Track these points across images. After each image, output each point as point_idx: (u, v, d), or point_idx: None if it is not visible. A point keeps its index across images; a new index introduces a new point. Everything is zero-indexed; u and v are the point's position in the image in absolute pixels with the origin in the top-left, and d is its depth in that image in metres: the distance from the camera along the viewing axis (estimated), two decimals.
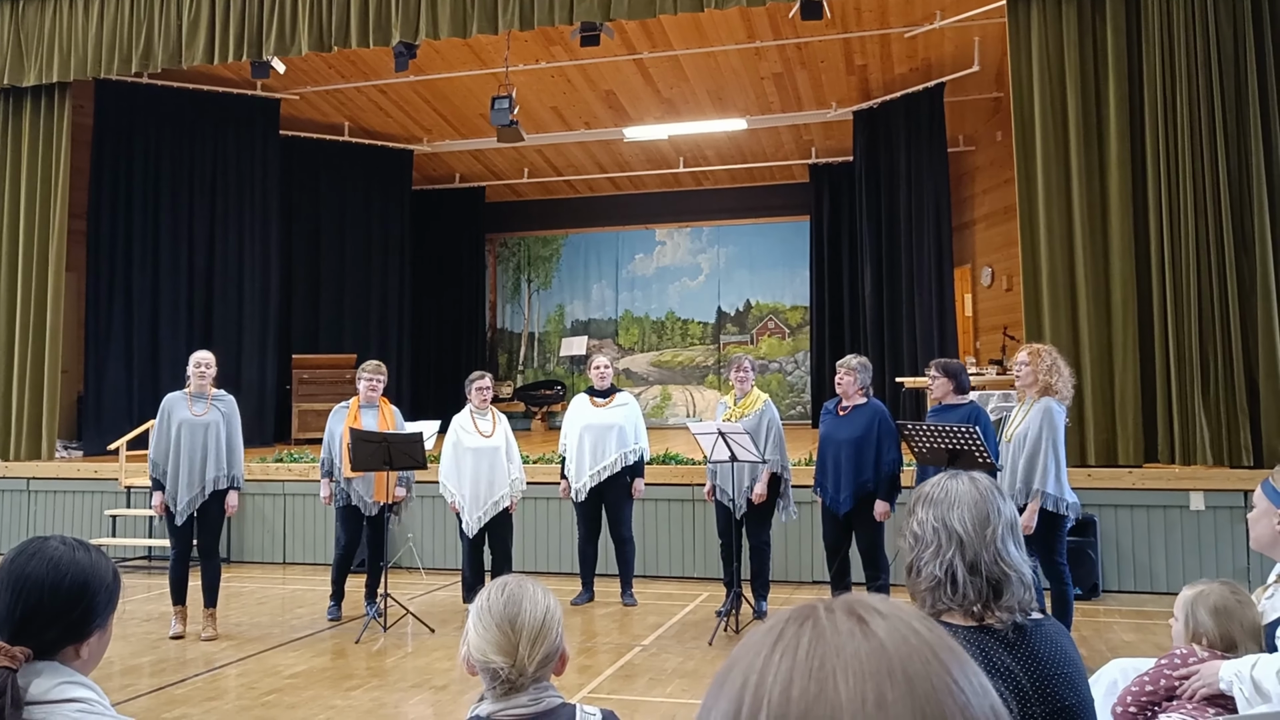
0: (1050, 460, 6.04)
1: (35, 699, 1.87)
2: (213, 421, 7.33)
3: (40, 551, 2.00)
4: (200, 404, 7.35)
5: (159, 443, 7.31)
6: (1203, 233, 8.45)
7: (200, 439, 7.27)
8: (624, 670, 6.39)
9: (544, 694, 2.15)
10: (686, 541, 9.23)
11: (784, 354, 17.68)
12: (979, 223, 14.66)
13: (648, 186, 17.97)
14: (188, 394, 7.39)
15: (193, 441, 7.25)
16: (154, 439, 7.37)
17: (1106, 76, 8.82)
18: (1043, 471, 6.01)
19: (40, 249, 11.45)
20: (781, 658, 0.73)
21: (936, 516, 2.05)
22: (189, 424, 7.27)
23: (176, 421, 7.28)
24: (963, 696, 0.71)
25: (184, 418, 7.29)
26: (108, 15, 10.83)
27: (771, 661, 0.73)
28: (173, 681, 6.25)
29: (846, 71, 13.19)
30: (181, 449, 7.24)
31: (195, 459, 7.26)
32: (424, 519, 9.84)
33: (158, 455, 7.28)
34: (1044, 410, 6.08)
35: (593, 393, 8.37)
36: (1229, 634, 3.07)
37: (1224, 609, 3.09)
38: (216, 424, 7.34)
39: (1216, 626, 3.08)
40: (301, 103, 14.26)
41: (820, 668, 0.71)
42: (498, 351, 19.09)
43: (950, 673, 0.72)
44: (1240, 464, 8.21)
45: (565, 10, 9.48)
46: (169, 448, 7.26)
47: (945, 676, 0.72)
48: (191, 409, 7.32)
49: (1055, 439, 6.06)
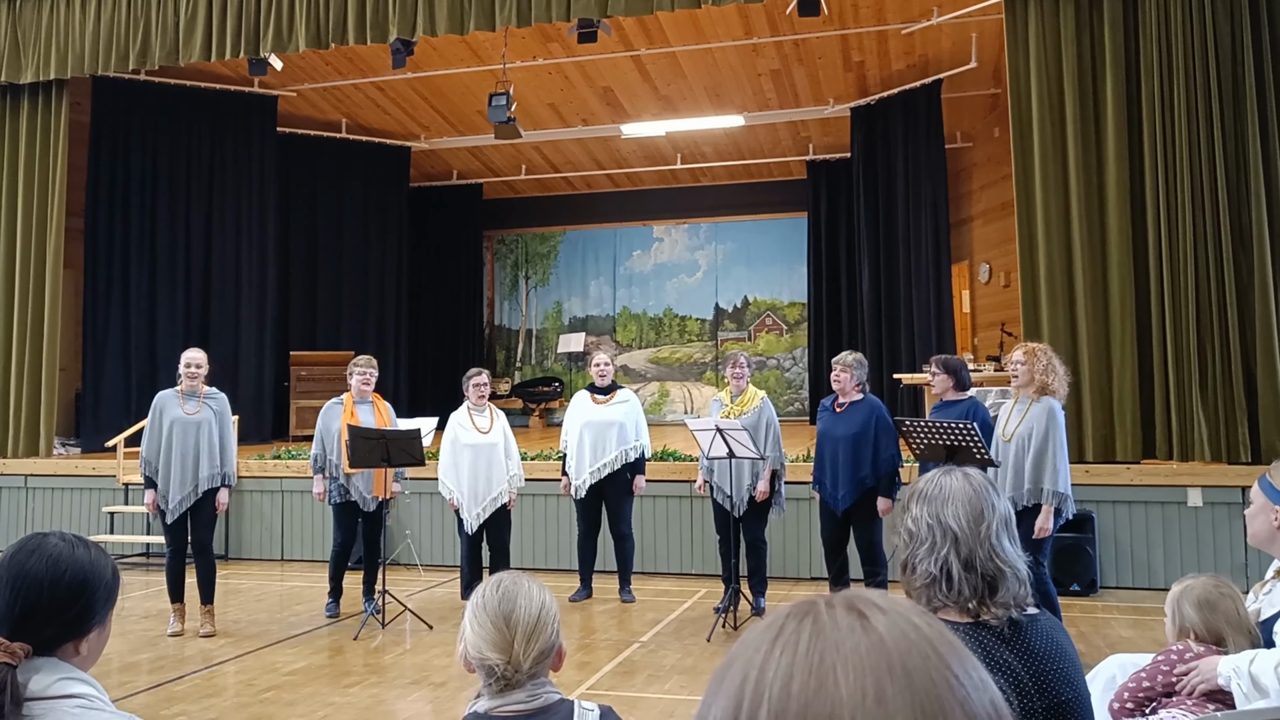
0: (1062, 462, 6.04)
1: (34, 695, 1.87)
2: (205, 420, 7.33)
3: (40, 548, 2.00)
4: (192, 402, 7.35)
5: (150, 441, 7.30)
6: (1200, 228, 8.45)
7: (193, 437, 7.27)
8: (623, 666, 6.40)
9: (541, 690, 2.15)
10: (685, 538, 9.24)
11: (781, 350, 17.69)
12: (976, 219, 14.67)
13: (645, 183, 17.97)
14: (179, 392, 7.38)
15: (185, 440, 7.26)
16: (146, 437, 7.35)
17: (1104, 73, 8.82)
18: (1053, 473, 6.01)
19: (38, 246, 11.44)
20: (782, 653, 0.73)
21: (931, 513, 2.05)
22: (181, 422, 7.27)
23: (169, 420, 7.27)
24: (962, 691, 0.72)
25: (176, 416, 7.28)
26: (105, 12, 10.81)
27: (772, 657, 0.73)
28: (171, 678, 6.26)
29: (844, 68, 13.18)
30: (174, 448, 7.24)
31: (188, 457, 7.26)
32: (422, 516, 9.85)
33: (149, 454, 7.28)
34: (1048, 410, 6.07)
35: (594, 390, 8.37)
36: (1214, 626, 3.10)
37: (1207, 602, 3.13)
38: (209, 422, 7.35)
39: (1201, 620, 3.12)
40: (299, 100, 14.25)
41: (820, 663, 0.71)
42: (495, 348, 19.09)
43: (950, 667, 0.73)
44: (1238, 460, 8.22)
45: (562, 7, 9.47)
46: (160, 446, 7.26)
47: (945, 671, 0.72)
48: (184, 407, 7.31)
49: (1060, 439, 6.06)
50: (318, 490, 7.84)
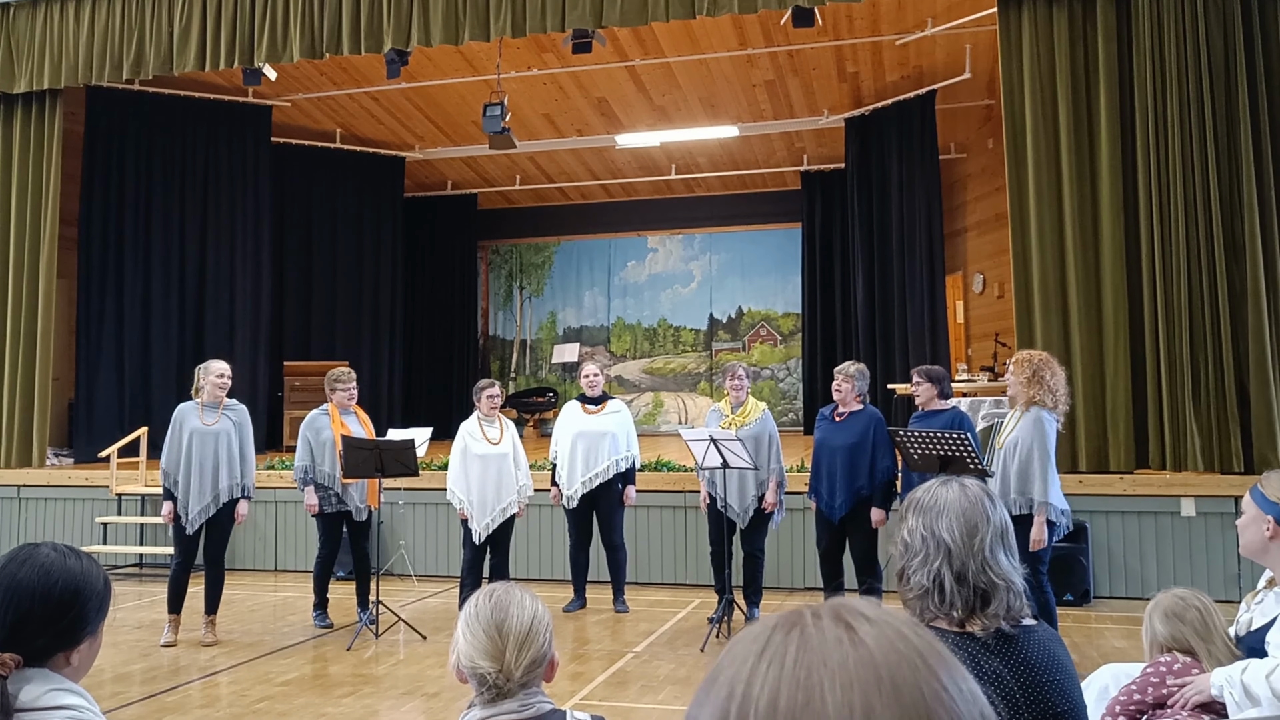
0: (1049, 470, 6.05)
1: (25, 706, 1.86)
2: (224, 430, 7.35)
3: (31, 558, 1.99)
4: (211, 413, 7.35)
5: (170, 453, 7.30)
6: (1193, 239, 8.47)
7: (212, 449, 7.29)
8: (616, 677, 6.39)
9: (533, 699, 2.15)
10: (679, 548, 9.23)
11: (776, 361, 17.70)
12: (970, 230, 14.70)
13: (640, 193, 17.99)
14: (199, 404, 7.38)
15: (204, 451, 7.27)
16: (166, 449, 7.34)
17: (1098, 84, 8.85)
18: (1041, 482, 6.02)
19: (31, 256, 11.43)
20: (769, 667, 0.72)
21: (925, 525, 2.05)
22: (200, 434, 7.28)
23: (188, 431, 7.28)
24: (951, 703, 0.71)
25: (195, 427, 7.29)
26: (99, 22, 10.82)
27: (758, 670, 0.72)
28: (164, 689, 6.23)
29: (838, 79, 13.22)
30: (193, 459, 7.24)
31: (207, 468, 7.27)
32: (415, 526, 9.83)
33: (169, 465, 7.29)
34: (1034, 420, 6.09)
35: (584, 400, 8.37)
36: (1180, 636, 3.18)
37: (1173, 613, 3.21)
38: (228, 433, 7.37)
39: (1169, 632, 3.20)
40: (293, 110, 14.26)
41: (807, 677, 0.70)
42: (490, 358, 19.08)
43: (939, 679, 0.72)
44: (1231, 470, 8.23)
45: (557, 17, 9.49)
46: (180, 458, 7.26)
47: (934, 683, 0.71)
48: (203, 418, 7.32)
49: (1046, 449, 6.06)
50: (309, 502, 7.79)
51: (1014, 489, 6.08)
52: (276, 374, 14.21)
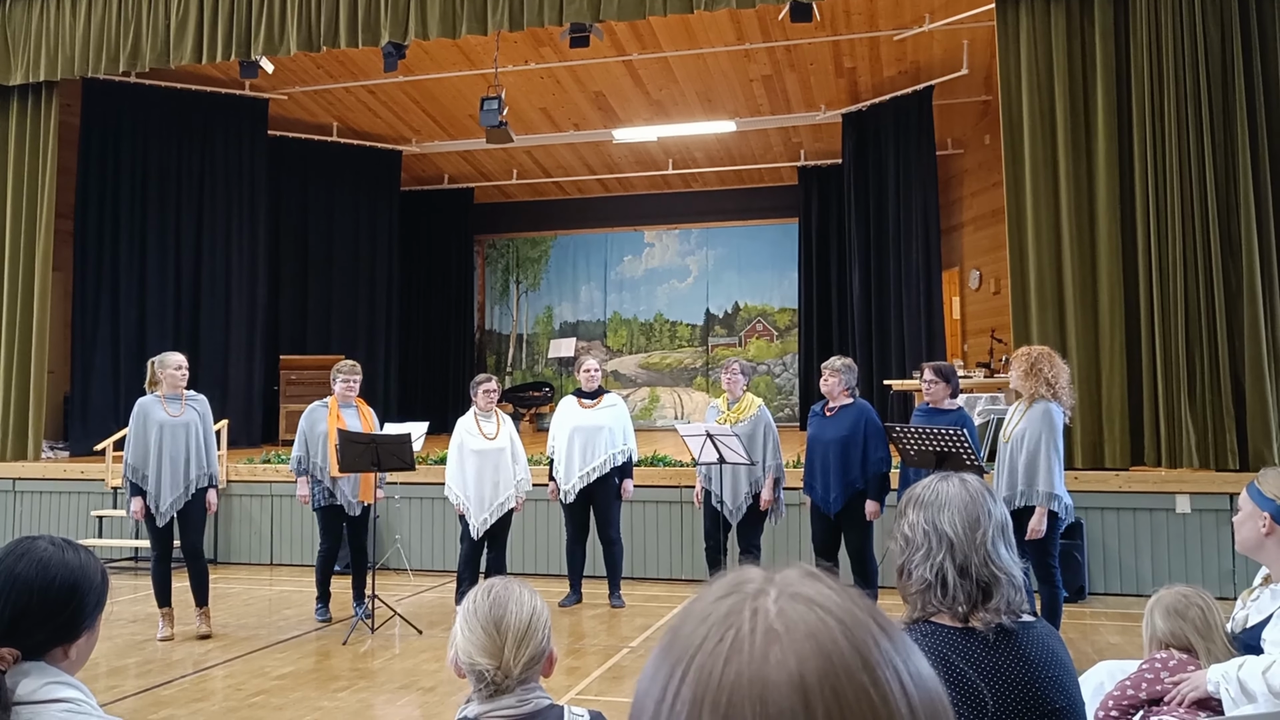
0: (1055, 462, 6.06)
1: (23, 699, 1.86)
2: (191, 421, 7.37)
3: (29, 552, 1.99)
4: (175, 405, 7.35)
5: (136, 448, 7.26)
6: (1190, 236, 8.48)
7: (181, 439, 7.29)
8: (612, 672, 6.39)
9: (531, 695, 2.15)
10: (674, 543, 9.23)
11: (772, 356, 17.70)
12: (967, 226, 14.70)
13: (637, 188, 17.98)
14: (160, 396, 7.36)
15: (174, 443, 7.26)
16: (130, 445, 7.31)
17: (1095, 80, 8.85)
18: (1046, 473, 6.02)
19: (27, 249, 11.40)
20: (700, 670, 0.72)
21: (927, 519, 2.06)
22: (169, 425, 7.27)
23: (155, 424, 7.26)
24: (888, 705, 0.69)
25: (162, 420, 7.27)
26: (95, 14, 10.78)
27: (689, 674, 0.73)
28: (159, 682, 6.23)
29: (835, 74, 13.21)
30: (164, 451, 7.23)
31: (179, 460, 7.27)
32: (411, 520, 9.83)
33: (136, 460, 7.25)
34: (1043, 412, 6.09)
35: (581, 394, 8.36)
36: (1181, 633, 3.19)
37: (1174, 609, 3.22)
38: (194, 424, 7.39)
39: (1169, 629, 3.21)
40: (290, 103, 14.23)
41: (733, 692, 0.69)
42: (486, 353, 19.07)
43: (874, 681, 0.69)
44: (1226, 467, 8.24)
45: (555, 11, 9.48)
46: (149, 451, 7.25)
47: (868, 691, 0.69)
48: (167, 410, 7.31)
49: (1055, 441, 6.07)
50: (302, 493, 7.80)
51: (1021, 481, 6.07)
52: (272, 367, 14.19)
